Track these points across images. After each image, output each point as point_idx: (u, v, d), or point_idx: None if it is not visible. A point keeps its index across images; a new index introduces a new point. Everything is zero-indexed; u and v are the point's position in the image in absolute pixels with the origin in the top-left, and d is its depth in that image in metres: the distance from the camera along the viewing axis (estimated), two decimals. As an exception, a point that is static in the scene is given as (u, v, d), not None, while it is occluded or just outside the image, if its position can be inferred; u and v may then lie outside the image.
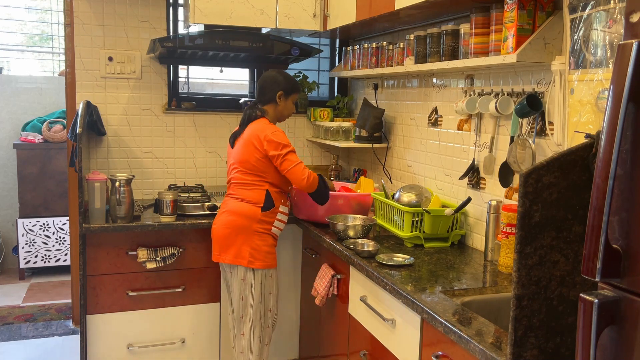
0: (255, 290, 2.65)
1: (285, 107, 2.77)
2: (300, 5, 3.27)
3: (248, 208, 2.65)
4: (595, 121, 1.76)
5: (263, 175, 2.66)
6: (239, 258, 2.63)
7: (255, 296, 2.66)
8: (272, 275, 2.71)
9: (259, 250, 2.64)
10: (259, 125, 2.66)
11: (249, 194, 2.66)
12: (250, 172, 2.66)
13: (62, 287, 4.75)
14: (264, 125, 2.66)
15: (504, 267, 2.16)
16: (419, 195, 2.61)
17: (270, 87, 2.73)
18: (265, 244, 2.66)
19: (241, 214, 2.64)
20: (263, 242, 2.65)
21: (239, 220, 2.64)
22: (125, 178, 2.85)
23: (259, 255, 2.64)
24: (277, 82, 2.73)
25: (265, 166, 2.64)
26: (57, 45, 5.69)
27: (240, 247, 2.63)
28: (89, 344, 2.87)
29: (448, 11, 2.56)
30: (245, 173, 2.67)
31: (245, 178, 2.67)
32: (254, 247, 2.63)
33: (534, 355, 1.35)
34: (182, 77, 3.72)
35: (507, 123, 2.33)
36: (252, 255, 2.62)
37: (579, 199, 1.31)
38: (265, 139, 2.59)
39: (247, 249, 2.63)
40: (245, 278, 2.65)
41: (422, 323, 1.86)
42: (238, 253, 2.64)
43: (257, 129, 2.64)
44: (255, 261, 2.63)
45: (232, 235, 2.65)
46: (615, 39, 1.68)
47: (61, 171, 4.82)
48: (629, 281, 1.07)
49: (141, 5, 3.38)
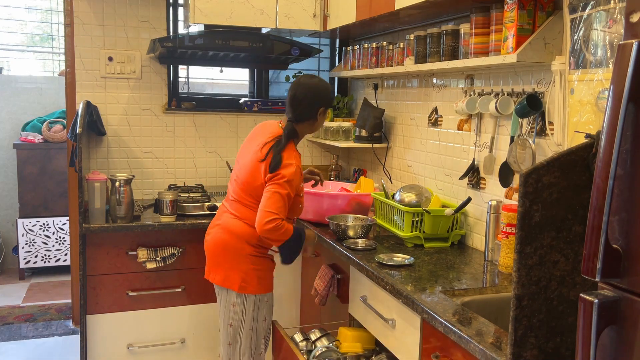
0: (247, 317, 2.35)
1: (319, 124, 2.44)
2: (300, 5, 3.27)
3: (243, 229, 2.33)
4: (595, 121, 1.76)
5: None
6: (229, 281, 2.34)
7: (246, 323, 2.35)
8: (267, 300, 2.40)
9: (251, 275, 2.33)
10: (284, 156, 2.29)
11: (248, 214, 2.34)
12: (253, 194, 2.33)
13: (62, 287, 4.75)
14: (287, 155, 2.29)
15: (504, 267, 2.16)
16: (419, 195, 2.61)
17: (310, 101, 2.36)
18: (258, 268, 2.35)
19: (235, 233, 2.34)
20: (255, 265, 2.35)
21: (231, 241, 2.34)
22: (125, 178, 2.85)
23: (252, 280, 2.33)
24: (319, 95, 2.37)
25: None
26: (57, 45, 5.69)
27: (231, 271, 2.34)
28: (89, 344, 2.87)
29: (448, 11, 2.56)
30: (248, 194, 2.35)
31: (247, 198, 2.36)
32: (246, 271, 2.33)
33: (534, 355, 1.35)
34: (182, 77, 3.73)
35: (507, 123, 2.33)
36: (243, 280, 2.32)
37: (579, 199, 1.31)
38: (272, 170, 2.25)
39: (238, 273, 2.32)
40: (235, 304, 2.34)
41: (422, 323, 1.86)
42: (228, 276, 2.34)
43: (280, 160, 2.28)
44: (247, 286, 2.32)
45: (222, 255, 2.37)
46: (615, 39, 1.68)
47: (61, 171, 4.82)
48: (629, 281, 1.07)
49: (141, 5, 3.38)
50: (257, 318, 2.38)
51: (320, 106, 2.37)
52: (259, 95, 3.88)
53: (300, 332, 2.54)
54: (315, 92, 2.37)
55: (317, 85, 2.39)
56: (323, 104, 2.38)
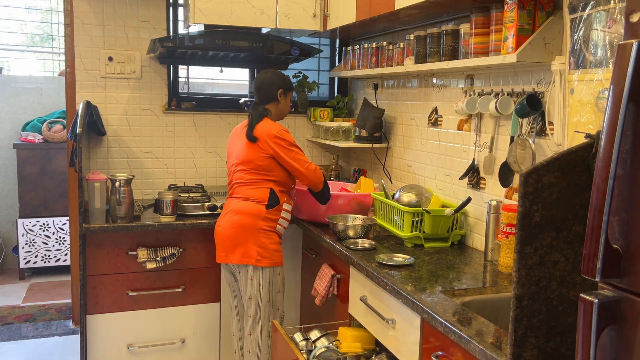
0: (264, 289, 2.63)
1: (285, 105, 2.80)
2: (300, 5, 3.27)
3: (252, 206, 2.63)
4: (595, 121, 1.76)
5: (268, 174, 2.64)
6: (247, 257, 2.61)
7: (264, 295, 2.63)
8: (279, 273, 2.69)
9: (266, 248, 2.62)
10: (263, 126, 2.65)
11: (253, 193, 2.65)
12: (254, 171, 2.65)
13: (62, 287, 4.75)
14: (268, 125, 2.65)
15: (504, 267, 2.16)
16: (419, 195, 2.61)
17: (269, 87, 2.75)
18: (271, 242, 2.64)
19: (246, 212, 2.62)
20: (269, 239, 2.63)
21: (244, 219, 2.62)
22: (125, 178, 2.85)
23: (266, 253, 2.61)
24: (275, 81, 2.76)
25: (271, 165, 2.63)
26: (57, 45, 5.69)
27: (247, 246, 2.61)
28: (89, 344, 2.87)
29: (448, 11, 2.56)
30: (249, 172, 2.66)
31: (249, 177, 2.66)
32: (261, 245, 2.61)
33: (534, 355, 1.35)
34: (182, 77, 3.73)
35: (507, 123, 2.33)
36: (259, 254, 2.60)
37: (579, 199, 1.31)
38: (272, 138, 2.60)
39: (254, 248, 2.60)
40: (253, 277, 2.62)
41: (422, 323, 1.86)
42: (245, 252, 2.61)
43: (262, 129, 2.63)
44: (262, 259, 2.60)
45: (239, 234, 2.62)
46: (615, 39, 1.68)
47: (61, 171, 4.82)
48: (629, 281, 1.07)
49: (141, 5, 3.38)
50: (272, 290, 2.65)
51: (278, 88, 2.75)
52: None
53: (300, 332, 2.54)
54: (271, 79, 2.76)
55: (271, 74, 2.79)
56: (280, 87, 2.76)
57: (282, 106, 2.80)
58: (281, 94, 2.76)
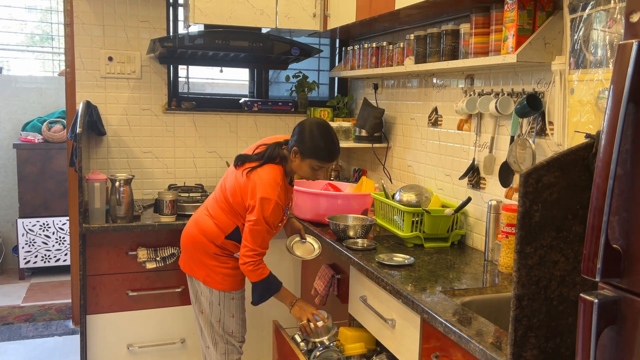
0: (214, 309, 2.46)
1: (299, 167, 2.35)
2: (300, 5, 3.27)
3: (211, 228, 2.40)
4: (595, 121, 1.76)
5: (243, 215, 2.38)
6: (196, 272, 2.46)
7: (214, 315, 2.46)
8: (233, 298, 2.47)
9: (216, 272, 2.42)
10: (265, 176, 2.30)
11: (221, 218, 2.40)
12: (233, 204, 2.39)
13: (62, 287, 4.75)
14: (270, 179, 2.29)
15: (504, 267, 2.16)
16: (419, 195, 2.61)
17: (295, 135, 2.33)
18: (223, 267, 2.42)
19: (205, 231, 2.42)
20: (221, 264, 2.42)
21: (198, 237, 2.43)
22: (125, 178, 2.86)
23: (216, 277, 2.42)
24: (302, 135, 2.30)
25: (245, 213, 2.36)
26: (57, 45, 5.69)
27: (196, 264, 2.45)
28: (89, 344, 2.87)
29: (448, 11, 2.56)
30: (228, 202, 2.40)
31: (225, 205, 2.41)
32: (210, 267, 2.42)
33: (534, 355, 1.35)
34: (182, 77, 3.73)
35: (507, 123, 2.33)
36: (207, 275, 2.43)
37: (579, 199, 1.31)
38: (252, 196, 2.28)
39: (202, 267, 2.44)
40: (203, 294, 2.46)
41: (422, 323, 1.86)
42: (194, 267, 2.47)
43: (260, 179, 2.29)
44: (211, 281, 2.42)
45: (190, 249, 2.47)
46: (615, 39, 1.68)
47: (61, 171, 4.82)
48: (629, 281, 1.07)
49: (141, 5, 3.38)
50: (224, 312, 2.47)
51: (295, 144, 2.31)
52: (259, 95, 3.88)
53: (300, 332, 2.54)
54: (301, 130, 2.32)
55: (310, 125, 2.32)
56: (298, 145, 2.30)
57: (295, 166, 2.35)
58: (295, 153, 2.32)
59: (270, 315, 3.09)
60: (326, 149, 2.31)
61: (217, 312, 2.46)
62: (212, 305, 2.46)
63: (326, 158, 2.32)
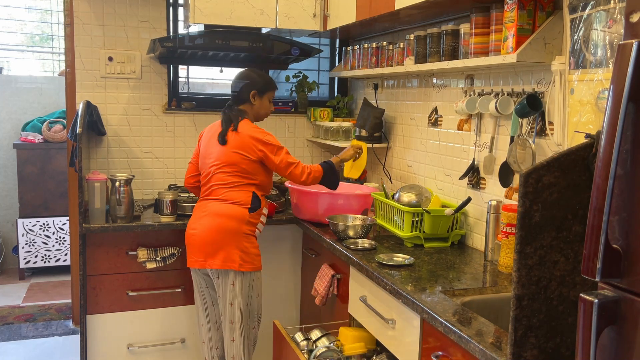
0: (244, 294, 2.56)
1: (261, 106, 2.71)
2: (300, 5, 3.27)
3: (236, 210, 2.55)
4: (595, 121, 1.76)
5: (252, 177, 2.59)
6: (229, 262, 2.52)
7: (244, 300, 2.57)
8: (259, 277, 2.63)
9: (248, 252, 2.55)
10: (247, 129, 2.59)
11: (236, 195, 2.57)
12: (237, 174, 2.57)
13: (62, 287, 4.75)
14: (251, 128, 2.60)
15: (504, 267, 2.16)
16: (419, 195, 2.61)
17: (242, 88, 2.68)
18: (253, 246, 2.58)
19: (229, 215, 2.54)
20: (251, 244, 2.57)
21: (227, 223, 2.53)
22: (125, 178, 2.86)
23: (248, 258, 2.55)
24: (250, 81, 2.68)
25: (256, 169, 2.59)
26: (57, 45, 5.69)
27: (230, 251, 2.52)
28: (89, 344, 2.87)
29: (448, 11, 2.56)
30: (232, 175, 2.58)
31: (231, 180, 2.58)
32: (244, 249, 2.54)
33: (534, 355, 1.35)
34: (182, 77, 3.72)
35: (507, 123, 2.33)
36: (242, 259, 2.53)
37: (579, 199, 1.31)
38: (260, 143, 2.56)
39: (237, 252, 2.52)
40: (235, 282, 2.54)
41: (422, 323, 1.86)
42: (228, 257, 2.52)
43: (247, 133, 2.57)
44: (245, 264, 2.53)
45: (221, 238, 2.53)
46: (615, 39, 1.68)
47: (61, 171, 4.82)
48: (629, 281, 1.07)
49: (141, 5, 3.38)
50: (251, 294, 2.59)
51: (251, 89, 2.66)
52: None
53: (301, 332, 2.55)
54: (245, 79, 2.68)
55: (247, 73, 2.70)
56: (254, 88, 2.67)
57: (257, 108, 2.71)
58: (254, 95, 2.68)
59: (270, 315, 3.09)
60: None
61: (247, 296, 2.57)
62: (243, 291, 2.56)
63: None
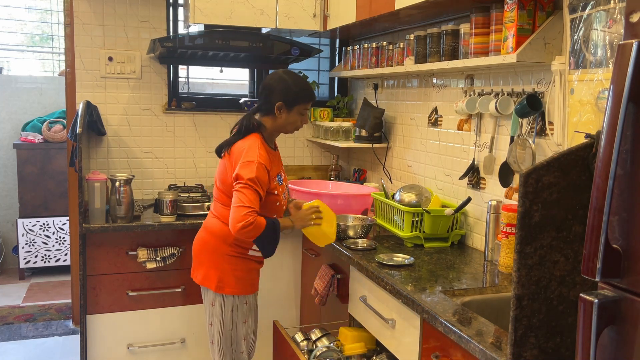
0: (225, 318, 2.32)
1: (287, 121, 2.30)
2: (300, 5, 3.27)
3: (220, 227, 2.30)
4: (595, 121, 1.76)
5: None
6: (207, 280, 2.33)
7: (225, 324, 2.32)
8: (247, 302, 2.35)
9: (228, 275, 2.30)
10: (245, 145, 2.25)
11: (224, 213, 2.29)
12: (226, 192, 2.31)
13: (62, 287, 4.75)
14: (249, 145, 2.24)
15: (504, 267, 2.16)
16: (419, 195, 2.61)
17: (268, 95, 2.28)
18: (237, 268, 2.31)
19: (212, 232, 2.34)
20: (234, 266, 2.30)
21: (208, 239, 2.35)
22: (125, 178, 2.86)
23: (228, 280, 2.29)
24: (279, 88, 2.26)
25: None
26: (57, 45, 5.69)
27: (209, 269, 2.32)
28: (89, 344, 2.87)
29: (448, 11, 2.56)
30: (222, 191, 2.33)
31: (222, 196, 2.33)
32: (223, 270, 2.30)
33: (534, 355, 1.35)
34: (182, 77, 3.72)
35: (507, 123, 2.33)
36: (220, 280, 2.29)
37: (579, 199, 1.31)
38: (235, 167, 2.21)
39: (214, 272, 2.31)
40: (214, 303, 2.33)
41: (422, 323, 1.86)
42: (206, 274, 2.33)
43: (240, 149, 2.25)
44: (224, 287, 2.29)
45: (201, 254, 2.37)
46: (615, 39, 1.68)
47: (61, 171, 4.82)
48: (629, 281, 1.07)
49: (141, 5, 3.38)
50: (235, 319, 2.33)
51: (277, 100, 2.25)
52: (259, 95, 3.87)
53: (301, 332, 2.55)
54: (275, 85, 2.27)
55: (279, 77, 2.28)
56: (281, 99, 2.25)
57: (282, 122, 2.30)
58: (280, 108, 2.27)
59: (270, 315, 3.09)
60: (308, 89, 2.31)
61: (229, 320, 2.32)
62: (223, 314, 2.31)
63: (311, 96, 2.31)
